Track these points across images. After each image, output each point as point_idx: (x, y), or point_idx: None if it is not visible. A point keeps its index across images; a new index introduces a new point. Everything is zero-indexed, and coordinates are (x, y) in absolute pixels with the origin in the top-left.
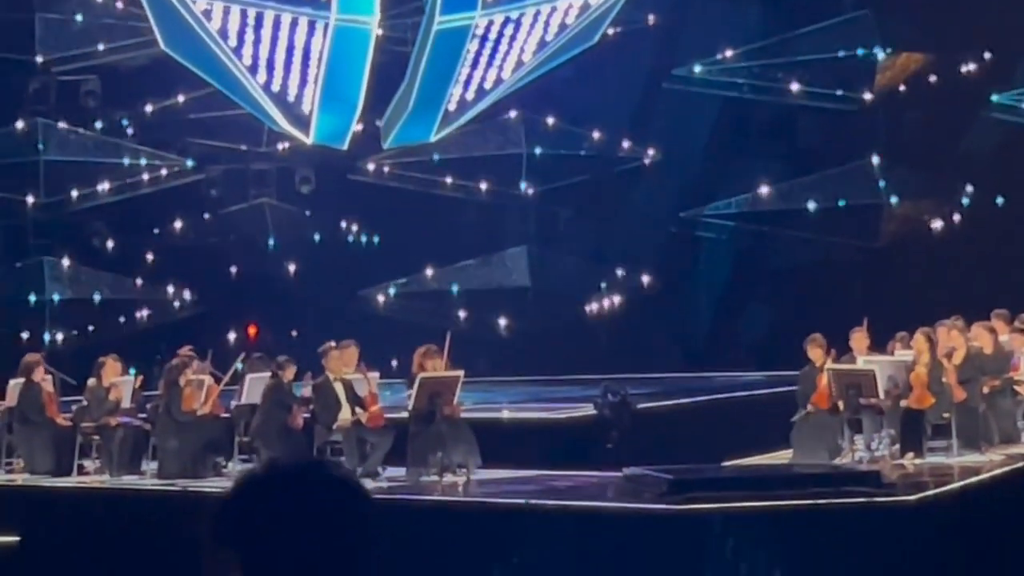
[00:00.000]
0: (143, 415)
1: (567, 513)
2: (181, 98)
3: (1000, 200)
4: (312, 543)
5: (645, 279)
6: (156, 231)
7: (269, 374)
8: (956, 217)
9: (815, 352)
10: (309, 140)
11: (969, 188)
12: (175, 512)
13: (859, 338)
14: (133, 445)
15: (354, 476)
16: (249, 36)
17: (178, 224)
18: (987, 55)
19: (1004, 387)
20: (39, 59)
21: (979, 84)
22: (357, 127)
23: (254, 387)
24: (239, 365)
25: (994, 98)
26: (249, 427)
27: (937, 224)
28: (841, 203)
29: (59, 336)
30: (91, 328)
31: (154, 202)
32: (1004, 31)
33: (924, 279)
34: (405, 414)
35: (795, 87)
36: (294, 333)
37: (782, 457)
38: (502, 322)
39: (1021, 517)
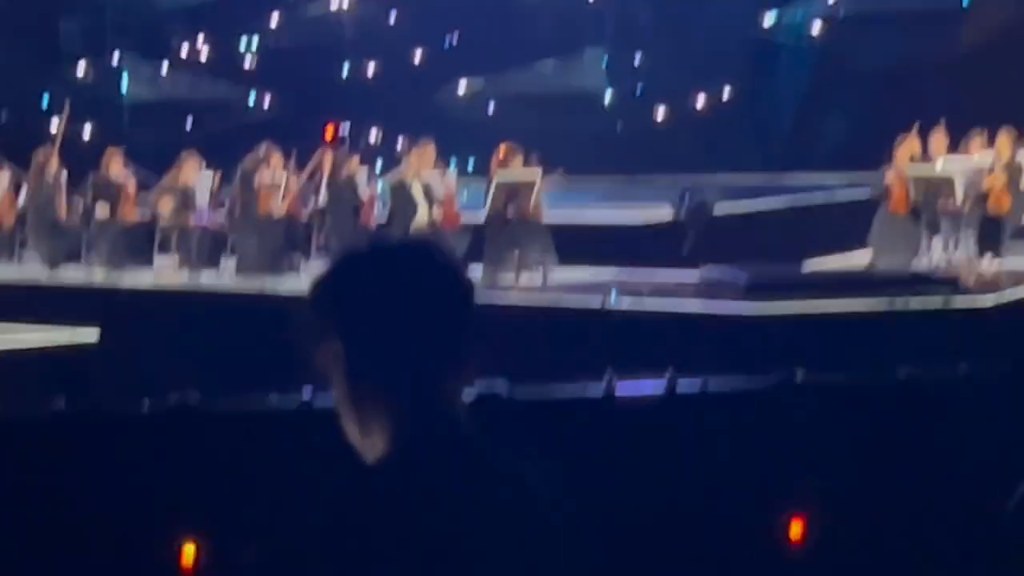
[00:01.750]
0: (221, 211)
1: (644, 313)
2: None
3: None
4: (413, 320)
5: (725, 81)
6: (235, 32)
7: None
8: None
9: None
10: None
11: None
12: (252, 310)
13: (938, 139)
14: (212, 242)
15: (458, 260)
16: None
17: (256, 25)
18: None
19: None
20: None
21: None
22: None
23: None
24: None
25: None
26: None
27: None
28: (924, 5)
29: (138, 136)
30: (168, 128)
31: (232, 3)
32: None
33: (1007, 83)
34: (482, 214)
35: None
36: (381, 135)
37: (861, 258)
38: (579, 123)
39: None
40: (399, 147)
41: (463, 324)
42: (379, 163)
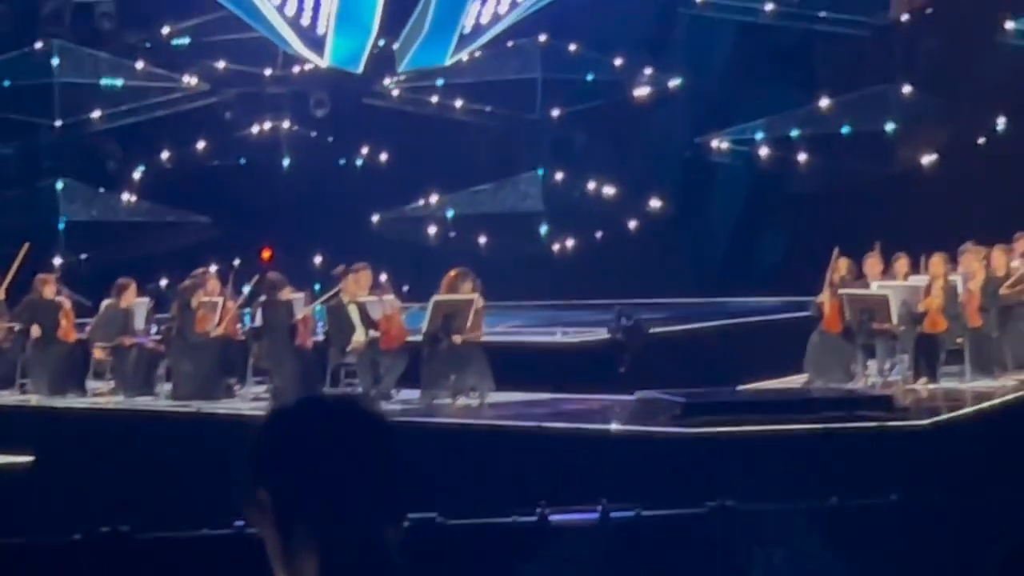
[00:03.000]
0: (157, 336)
1: (579, 436)
2: (196, 20)
3: (1006, 125)
4: (341, 478)
5: (660, 204)
6: (171, 154)
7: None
8: (981, 140)
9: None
10: (324, 63)
11: (991, 115)
12: (188, 433)
13: (872, 263)
14: (147, 366)
15: (384, 413)
16: None
17: (192, 147)
18: None
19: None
20: None
21: (995, 9)
22: (372, 50)
23: None
24: (246, 288)
25: (1013, 24)
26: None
27: (953, 151)
28: (857, 129)
29: (74, 259)
30: (105, 251)
31: (169, 125)
32: None
33: (940, 205)
34: (419, 337)
35: (811, 12)
36: (318, 259)
37: (797, 382)
38: (515, 246)
39: None
40: (336, 270)
41: (392, 480)
42: (316, 286)
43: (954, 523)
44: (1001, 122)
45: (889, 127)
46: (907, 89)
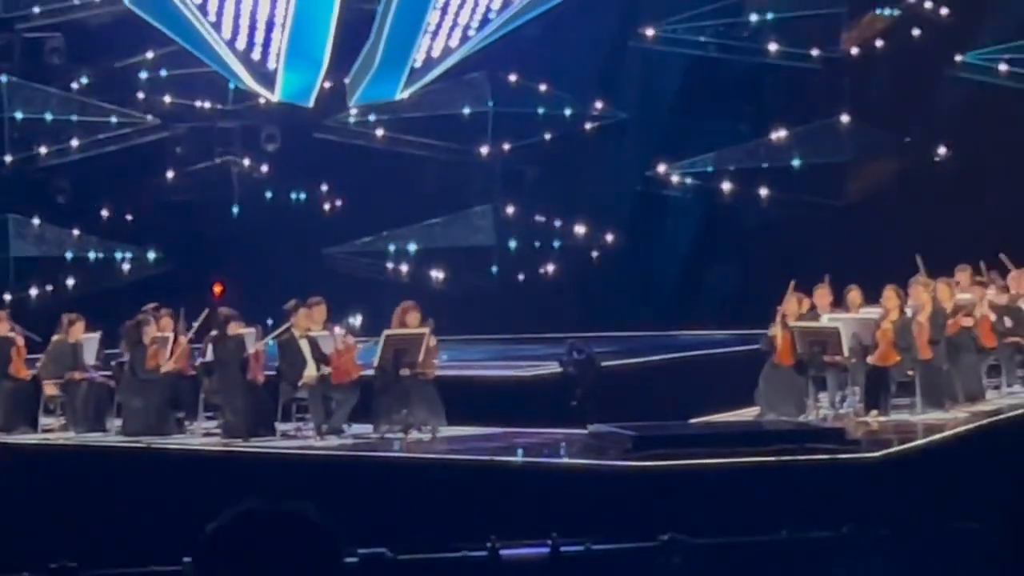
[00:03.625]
0: (107, 372)
1: (530, 470)
2: (146, 56)
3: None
4: None
5: (611, 238)
6: (121, 189)
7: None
8: (924, 172)
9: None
10: (275, 97)
11: (935, 147)
12: (138, 469)
13: (822, 295)
14: (97, 402)
15: (327, 522)
16: None
17: (143, 182)
18: (946, 11)
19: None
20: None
21: (945, 43)
22: (323, 84)
23: None
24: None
25: (962, 58)
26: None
27: (902, 182)
28: (807, 162)
29: (23, 294)
30: (55, 286)
31: (119, 160)
32: None
33: (890, 237)
34: (371, 371)
35: (761, 46)
36: (269, 294)
37: (748, 415)
38: (467, 280)
39: (984, 475)
40: (287, 305)
41: None
42: (268, 321)
43: (906, 556)
44: (950, 155)
45: (840, 159)
46: (857, 122)
